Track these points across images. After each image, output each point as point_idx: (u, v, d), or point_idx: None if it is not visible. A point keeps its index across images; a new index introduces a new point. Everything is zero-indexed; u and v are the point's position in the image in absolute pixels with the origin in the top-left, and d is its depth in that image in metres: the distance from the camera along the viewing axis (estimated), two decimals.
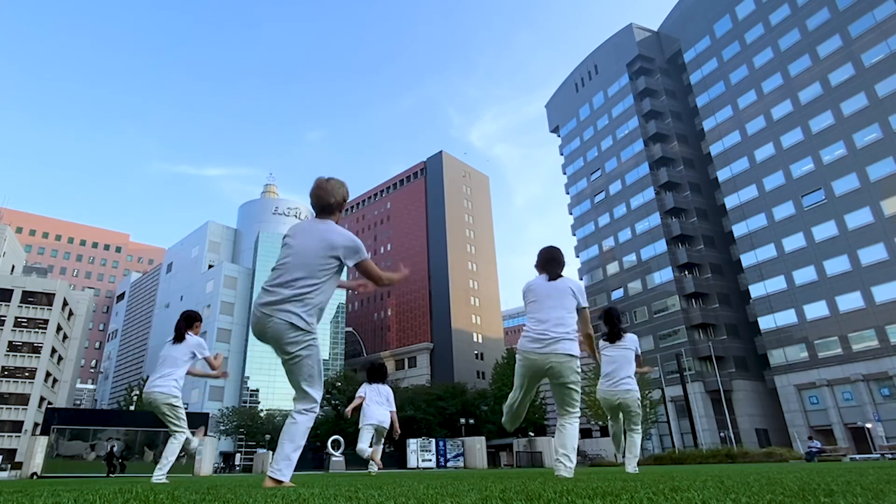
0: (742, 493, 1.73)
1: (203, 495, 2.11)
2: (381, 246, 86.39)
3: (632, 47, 59.46)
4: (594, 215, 61.42)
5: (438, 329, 73.25)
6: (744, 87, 48.93)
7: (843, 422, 37.97)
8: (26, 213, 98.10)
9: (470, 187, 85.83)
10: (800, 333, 41.36)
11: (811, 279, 41.05)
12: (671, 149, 55.59)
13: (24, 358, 53.46)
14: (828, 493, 1.70)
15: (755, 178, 46.37)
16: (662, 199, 53.33)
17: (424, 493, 2.03)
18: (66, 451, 21.76)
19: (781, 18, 46.72)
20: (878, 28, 39.83)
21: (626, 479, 3.66)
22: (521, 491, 2.02)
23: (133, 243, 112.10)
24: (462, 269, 77.18)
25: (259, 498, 1.99)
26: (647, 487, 2.12)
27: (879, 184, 38.13)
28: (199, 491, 2.53)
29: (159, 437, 23.04)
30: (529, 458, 36.29)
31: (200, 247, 79.54)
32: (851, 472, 3.88)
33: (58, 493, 2.47)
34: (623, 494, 1.74)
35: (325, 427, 44.99)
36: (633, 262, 55.00)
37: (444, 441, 34.71)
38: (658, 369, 45.85)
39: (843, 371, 38.21)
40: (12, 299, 54.17)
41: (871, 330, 37.23)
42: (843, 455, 26.57)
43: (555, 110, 71.43)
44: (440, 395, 50.84)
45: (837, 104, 41.52)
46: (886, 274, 36.81)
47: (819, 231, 41.07)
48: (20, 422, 51.54)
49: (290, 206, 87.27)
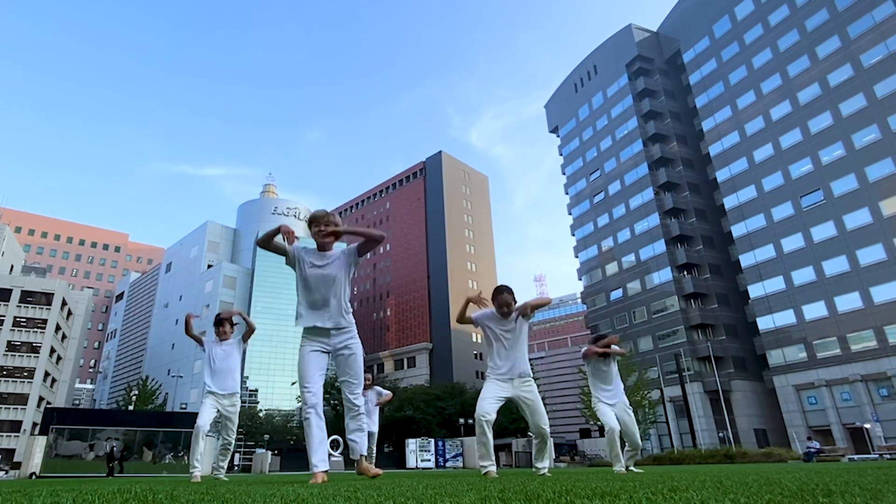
0: (741, 493, 1.74)
1: (202, 495, 2.11)
2: (381, 246, 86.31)
3: (631, 48, 59.50)
4: (593, 215, 61.45)
5: (437, 329, 73.26)
6: (743, 87, 48.97)
7: (842, 422, 38.02)
8: (25, 213, 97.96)
9: (469, 187, 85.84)
10: (798, 334, 41.40)
11: (810, 280, 41.10)
12: (670, 149, 55.63)
13: (22, 358, 53.39)
14: (826, 493, 1.70)
15: (754, 179, 46.42)
16: (661, 200, 53.37)
17: (423, 492, 2.03)
18: (65, 451, 21.73)
19: (780, 19, 46.76)
20: (877, 29, 39.88)
21: (624, 479, 3.66)
22: (519, 491, 2.02)
23: (132, 243, 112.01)
24: (461, 269, 77.19)
25: (258, 497, 1.99)
26: (646, 487, 2.12)
27: (878, 184, 38.18)
28: (198, 491, 2.53)
29: (158, 437, 23.03)
30: (528, 459, 36.32)
31: (199, 246, 79.49)
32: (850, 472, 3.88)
33: (56, 492, 2.46)
34: (622, 494, 1.75)
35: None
36: (632, 263, 55.04)
37: (444, 441, 34.74)
38: (657, 369, 45.90)
39: (842, 371, 38.25)
40: (11, 299, 54.11)
41: (870, 330, 37.27)
42: (841, 455, 26.59)
43: (554, 110, 71.45)
44: (439, 395, 50.83)
45: (836, 105, 41.56)
46: (885, 274, 36.85)
47: (818, 231, 41.11)
48: (19, 422, 51.47)
49: (289, 206, 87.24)
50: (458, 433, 43.40)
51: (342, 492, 2.21)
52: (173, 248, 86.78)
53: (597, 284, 59.08)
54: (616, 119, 60.55)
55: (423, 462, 33.13)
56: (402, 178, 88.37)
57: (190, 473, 5.58)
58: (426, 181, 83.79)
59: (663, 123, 56.66)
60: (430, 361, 72.70)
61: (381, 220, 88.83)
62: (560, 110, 70.00)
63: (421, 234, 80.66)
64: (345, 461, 28.74)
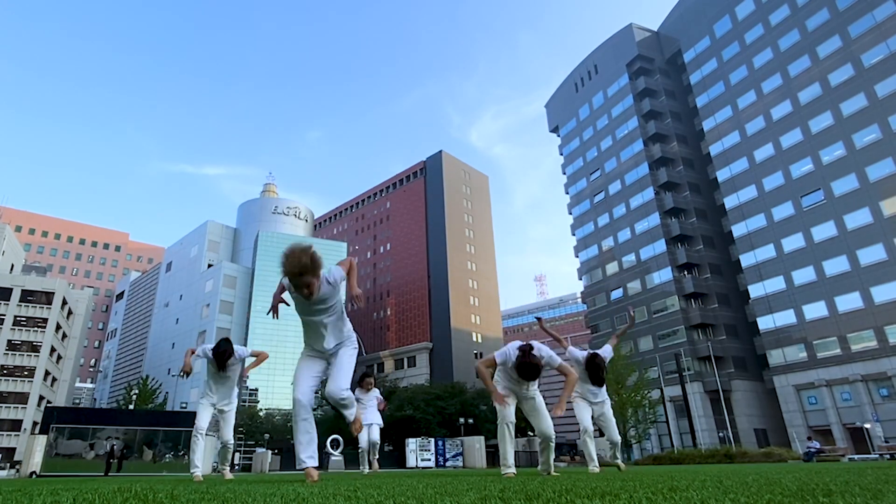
0: (741, 493, 1.74)
1: (202, 494, 2.11)
2: (381, 245, 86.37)
3: (631, 47, 59.46)
4: (593, 215, 61.44)
5: (438, 329, 73.24)
6: (743, 87, 48.94)
7: (842, 422, 38.01)
8: (26, 212, 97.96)
9: (469, 187, 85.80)
10: (799, 334, 41.38)
11: (810, 279, 41.08)
12: (671, 149, 55.61)
13: (23, 357, 53.41)
14: (826, 493, 1.70)
15: (754, 179, 46.39)
16: (662, 200, 53.35)
17: (423, 492, 2.03)
18: (65, 450, 21.73)
19: (781, 19, 46.72)
20: (878, 28, 39.84)
21: (624, 478, 3.66)
22: (520, 490, 2.02)
23: (132, 242, 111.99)
24: (461, 268, 77.17)
25: (258, 497, 1.99)
26: (646, 487, 2.12)
27: (878, 184, 38.15)
28: (198, 490, 2.53)
29: (158, 437, 23.04)
30: (528, 458, 36.34)
31: (200, 246, 79.47)
32: (850, 472, 3.88)
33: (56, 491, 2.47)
34: (622, 494, 1.75)
35: (324, 426, 44.98)
36: (632, 262, 55.02)
37: (444, 440, 34.75)
38: (657, 369, 45.90)
39: (842, 371, 38.24)
40: (11, 298, 54.11)
41: (870, 330, 37.25)
42: (841, 455, 26.58)
43: (554, 110, 71.43)
44: (439, 394, 50.77)
45: (837, 105, 41.53)
46: (885, 274, 36.83)
47: (818, 231, 41.08)
48: (19, 420, 51.49)
49: (289, 206, 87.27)
50: (458, 433, 43.39)
51: (342, 491, 2.21)
52: (173, 248, 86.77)
53: (597, 284, 59.06)
54: (616, 119, 60.52)
55: (422, 461, 33.14)
56: (403, 177, 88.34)
57: (191, 473, 5.64)
58: (426, 181, 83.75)
59: (664, 123, 56.63)
60: (430, 361, 72.67)
61: (381, 219, 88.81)
62: (560, 110, 69.97)
63: (421, 233, 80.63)
64: (345, 461, 28.76)
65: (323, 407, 45.19)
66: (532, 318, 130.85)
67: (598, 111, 63.45)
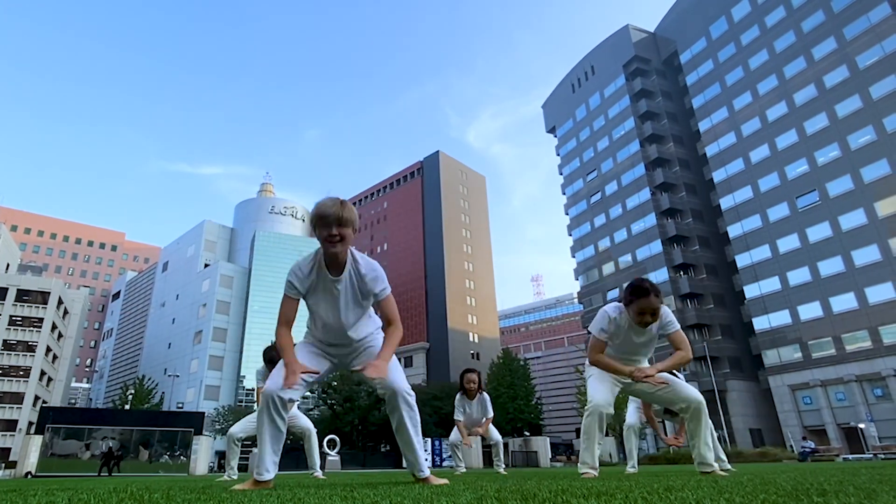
0: (736, 492, 1.75)
1: (198, 494, 2.11)
2: (378, 245, 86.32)
3: (628, 48, 59.61)
4: (590, 216, 61.56)
5: (434, 329, 73.24)
6: (739, 88, 49.11)
7: (837, 422, 38.18)
8: (21, 212, 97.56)
9: (467, 187, 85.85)
10: (794, 334, 41.56)
11: (805, 280, 41.25)
12: (667, 150, 55.76)
13: (18, 356, 53.19)
14: (821, 492, 1.71)
15: (750, 180, 46.56)
16: (658, 200, 53.49)
17: (420, 492, 2.04)
18: (61, 451, 21.62)
19: (777, 20, 46.91)
20: (873, 30, 40.05)
21: (620, 478, 3.67)
22: (516, 490, 2.03)
23: (129, 242, 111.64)
24: (458, 268, 77.19)
25: (254, 498, 2.00)
26: (642, 487, 2.13)
27: (873, 185, 38.33)
28: (194, 490, 2.53)
29: (154, 437, 22.97)
30: (525, 458, 36.36)
31: (196, 245, 79.30)
32: (844, 471, 3.91)
33: (52, 492, 2.46)
34: (618, 494, 1.75)
35: (322, 426, 44.91)
36: (628, 263, 55.15)
37: (440, 441, 34.73)
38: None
39: (837, 371, 38.41)
40: (7, 297, 53.87)
41: (865, 331, 37.44)
42: (836, 455, 26.72)
43: (551, 111, 71.53)
44: (436, 394, 50.69)
45: (832, 106, 41.73)
46: (880, 275, 37.01)
47: (813, 232, 41.27)
48: (14, 421, 51.27)
49: (286, 206, 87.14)
50: None
51: (339, 492, 2.21)
52: (170, 247, 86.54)
53: (593, 284, 59.16)
54: (613, 119, 60.65)
55: None
56: (400, 177, 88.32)
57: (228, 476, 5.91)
58: (424, 181, 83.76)
59: (660, 124, 56.79)
60: (427, 361, 72.68)
61: (378, 219, 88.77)
62: (557, 110, 70.08)
63: (418, 233, 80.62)
64: (341, 461, 28.70)
65: (320, 407, 45.12)
66: (529, 318, 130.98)
67: (595, 112, 63.58)
